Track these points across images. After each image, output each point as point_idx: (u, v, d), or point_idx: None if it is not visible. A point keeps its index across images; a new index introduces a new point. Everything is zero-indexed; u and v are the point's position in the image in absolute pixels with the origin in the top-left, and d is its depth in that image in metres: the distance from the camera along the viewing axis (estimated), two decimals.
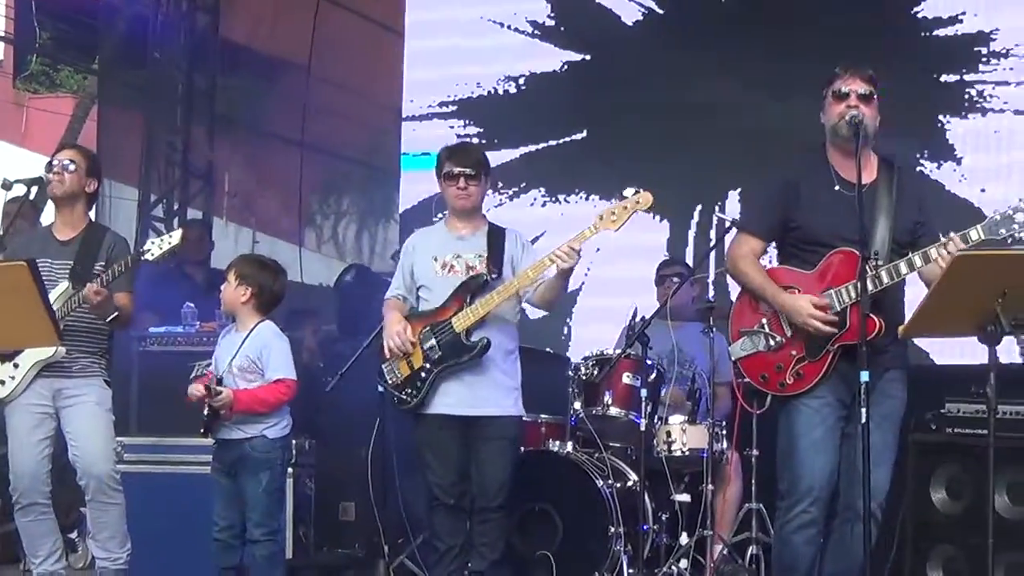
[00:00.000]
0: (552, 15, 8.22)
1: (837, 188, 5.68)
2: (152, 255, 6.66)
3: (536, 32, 8.21)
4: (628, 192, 6.16)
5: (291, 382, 6.56)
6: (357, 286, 9.98)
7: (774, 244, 5.94)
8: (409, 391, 6.60)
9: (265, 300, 6.65)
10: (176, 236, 6.74)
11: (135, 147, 11.92)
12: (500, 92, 8.66)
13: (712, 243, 8.49)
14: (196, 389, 6.51)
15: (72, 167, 6.80)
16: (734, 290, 6.16)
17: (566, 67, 8.31)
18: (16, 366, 6.68)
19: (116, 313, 6.68)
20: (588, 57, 8.19)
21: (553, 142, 8.16)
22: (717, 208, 9.19)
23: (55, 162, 6.82)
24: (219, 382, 6.47)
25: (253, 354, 6.54)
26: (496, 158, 8.04)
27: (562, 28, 8.18)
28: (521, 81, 8.49)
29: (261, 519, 6.48)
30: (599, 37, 8.24)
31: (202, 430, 6.54)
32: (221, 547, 6.56)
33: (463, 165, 6.64)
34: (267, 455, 6.51)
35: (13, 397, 6.71)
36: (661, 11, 8.27)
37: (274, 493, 6.57)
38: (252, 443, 6.49)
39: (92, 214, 7.13)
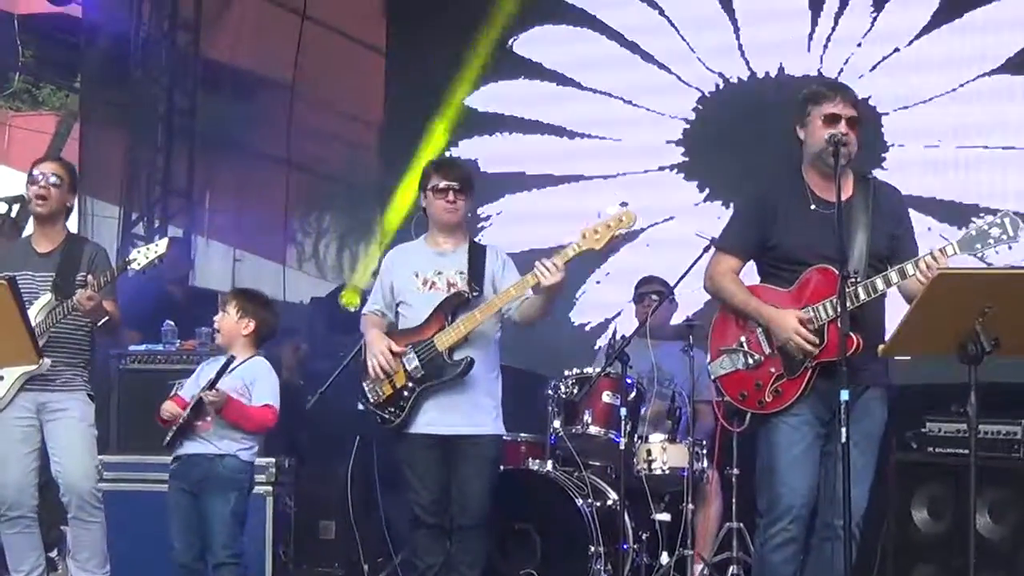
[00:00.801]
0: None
1: (814, 207, 5.65)
2: (138, 264, 6.63)
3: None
4: (611, 210, 6.08)
5: (276, 411, 6.55)
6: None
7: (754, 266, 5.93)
8: (392, 410, 6.54)
9: (263, 335, 6.69)
10: (163, 245, 6.70)
11: (117, 165, 11.91)
12: None
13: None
14: (171, 406, 6.51)
15: (57, 181, 6.75)
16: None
17: None
18: (0, 379, 6.64)
19: (107, 317, 6.66)
20: None
21: None
22: None
23: (37, 174, 6.75)
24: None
25: (246, 378, 6.53)
26: None
27: None
28: None
29: (227, 540, 6.43)
30: None
31: (166, 442, 6.52)
32: (186, 573, 6.49)
33: (452, 179, 6.63)
34: (237, 476, 6.49)
35: None
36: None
37: (239, 515, 6.52)
38: (224, 461, 6.46)
39: (72, 226, 7.09)
